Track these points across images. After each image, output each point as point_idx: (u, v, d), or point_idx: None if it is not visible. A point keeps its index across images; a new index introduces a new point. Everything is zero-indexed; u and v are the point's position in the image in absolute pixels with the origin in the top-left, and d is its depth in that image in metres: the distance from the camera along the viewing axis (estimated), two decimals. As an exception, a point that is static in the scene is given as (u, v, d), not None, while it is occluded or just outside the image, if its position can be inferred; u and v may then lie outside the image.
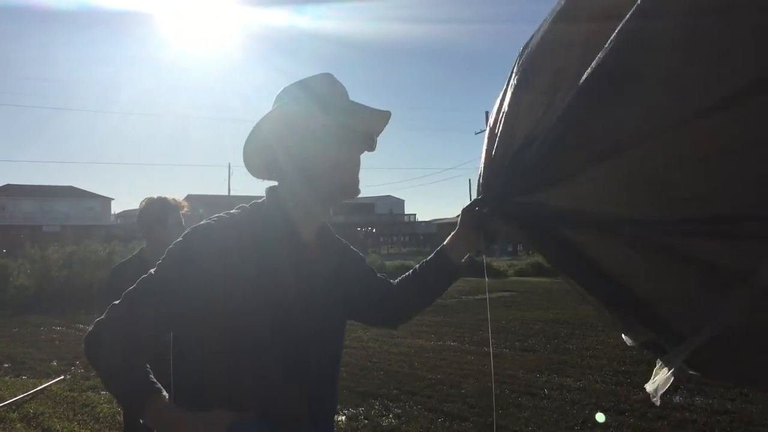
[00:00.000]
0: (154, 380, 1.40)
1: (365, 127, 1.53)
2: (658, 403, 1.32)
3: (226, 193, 58.17)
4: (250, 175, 1.59)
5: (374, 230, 55.60)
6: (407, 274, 1.86)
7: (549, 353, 8.36)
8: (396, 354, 8.54)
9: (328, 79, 1.55)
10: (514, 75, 1.50)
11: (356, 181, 1.55)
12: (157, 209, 3.33)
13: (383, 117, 1.55)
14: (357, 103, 1.53)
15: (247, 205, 1.55)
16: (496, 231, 1.67)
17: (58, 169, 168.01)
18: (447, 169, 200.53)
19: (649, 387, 1.38)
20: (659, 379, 1.33)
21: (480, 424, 5.42)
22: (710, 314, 1.15)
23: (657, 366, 1.38)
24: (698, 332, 1.17)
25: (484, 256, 1.82)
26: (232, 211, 1.50)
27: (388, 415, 5.82)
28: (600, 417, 5.14)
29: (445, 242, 1.81)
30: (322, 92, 1.51)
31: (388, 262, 23.50)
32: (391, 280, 1.87)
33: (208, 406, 1.37)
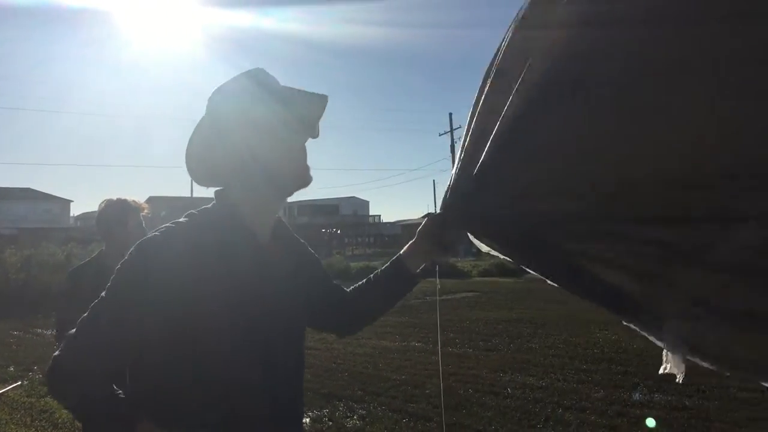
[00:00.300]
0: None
1: (307, 114, 1.51)
2: (680, 381, 1.34)
3: (189, 195, 57.54)
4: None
5: (339, 231, 55.55)
6: (362, 282, 1.86)
7: (512, 353, 8.44)
8: (360, 355, 8.54)
9: (264, 72, 1.52)
10: (488, 81, 1.50)
11: (308, 169, 1.54)
12: (116, 211, 3.27)
13: (322, 101, 1.53)
14: (296, 90, 1.52)
15: (196, 212, 1.50)
16: (453, 238, 1.68)
17: (14, 171, 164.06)
18: (412, 170, 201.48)
19: (661, 371, 1.40)
20: (671, 362, 1.36)
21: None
22: (676, 294, 1.19)
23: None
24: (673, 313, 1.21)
25: (437, 266, 1.82)
26: (180, 220, 1.45)
27: (353, 416, 5.81)
28: (650, 422, 5.15)
29: (402, 251, 1.81)
30: (268, 84, 1.50)
31: (352, 264, 23.46)
32: (345, 289, 1.86)
33: (172, 411, 1.34)
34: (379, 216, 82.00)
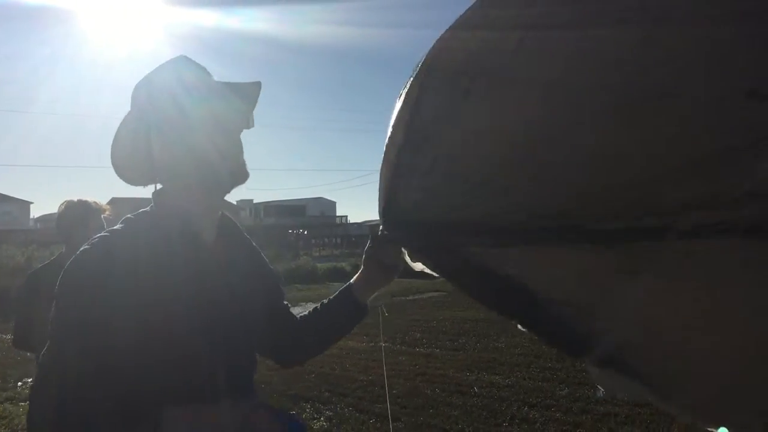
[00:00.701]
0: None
1: (243, 104, 1.46)
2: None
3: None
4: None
5: (306, 232, 55.24)
6: (310, 311, 1.77)
7: (479, 352, 8.50)
8: (328, 356, 8.50)
9: (189, 62, 1.44)
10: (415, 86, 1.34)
11: (245, 164, 1.46)
12: (77, 213, 3.22)
13: (256, 90, 1.49)
14: (226, 83, 1.46)
15: (132, 216, 1.41)
16: (392, 258, 1.61)
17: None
18: (378, 171, 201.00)
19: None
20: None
21: (411, 424, 5.46)
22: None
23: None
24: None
25: (382, 306, 1.76)
26: (115, 227, 1.36)
27: (320, 417, 5.79)
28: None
29: (351, 280, 1.74)
30: (202, 75, 1.43)
31: (320, 264, 23.34)
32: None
33: (137, 413, 1.30)
34: (347, 217, 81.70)
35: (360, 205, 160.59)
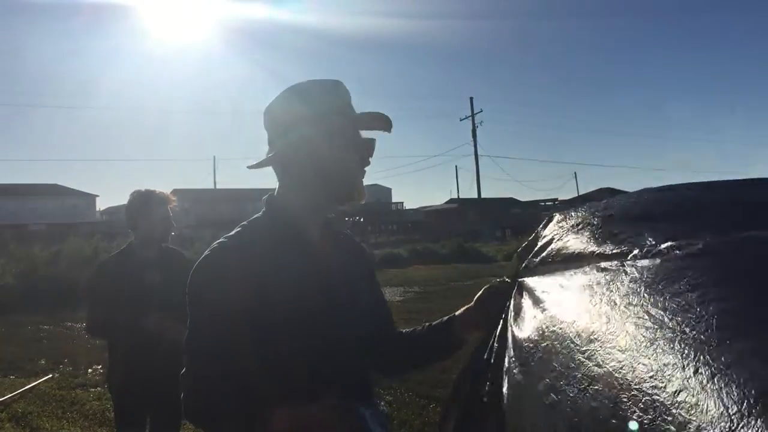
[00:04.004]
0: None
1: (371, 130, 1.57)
2: None
3: (212, 187, 57.71)
4: (235, 168, 1.58)
5: (362, 219, 55.43)
6: (411, 329, 1.79)
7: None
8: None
9: (342, 85, 1.57)
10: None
11: (359, 185, 1.59)
12: (142, 202, 3.29)
13: (386, 123, 1.57)
14: (364, 112, 1.57)
15: (247, 223, 1.55)
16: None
17: (40, 167, 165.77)
18: (433, 156, 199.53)
19: None
20: None
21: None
22: None
23: None
24: None
25: None
26: (231, 234, 1.49)
27: (381, 402, 5.81)
28: None
29: (458, 312, 1.69)
30: (343, 99, 1.56)
31: (376, 251, 23.43)
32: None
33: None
34: (402, 203, 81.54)
35: (415, 190, 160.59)
